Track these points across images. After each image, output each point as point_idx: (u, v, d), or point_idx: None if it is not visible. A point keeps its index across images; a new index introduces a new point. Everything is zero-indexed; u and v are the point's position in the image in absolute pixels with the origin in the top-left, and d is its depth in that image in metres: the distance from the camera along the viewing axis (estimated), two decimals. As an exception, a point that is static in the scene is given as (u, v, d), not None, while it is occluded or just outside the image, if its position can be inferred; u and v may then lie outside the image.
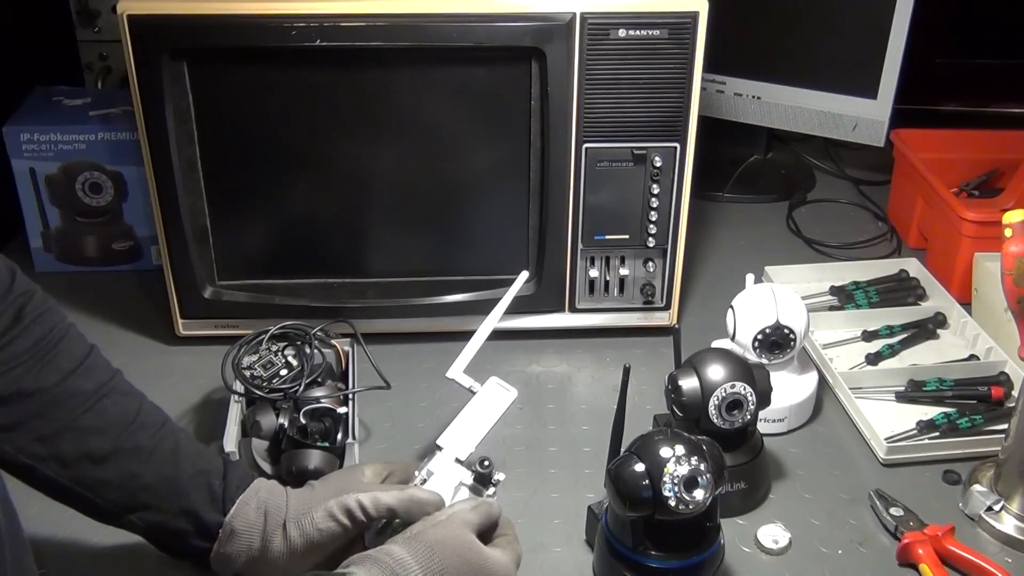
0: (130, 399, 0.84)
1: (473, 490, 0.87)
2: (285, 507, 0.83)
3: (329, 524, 0.81)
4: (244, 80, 1.10)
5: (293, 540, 0.81)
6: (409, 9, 1.05)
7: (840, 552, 0.96)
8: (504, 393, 0.95)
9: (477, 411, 0.93)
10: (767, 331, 1.06)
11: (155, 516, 0.81)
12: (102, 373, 0.83)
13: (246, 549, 0.81)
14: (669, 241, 1.20)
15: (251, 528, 0.82)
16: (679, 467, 0.81)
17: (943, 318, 1.26)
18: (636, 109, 1.12)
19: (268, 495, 0.84)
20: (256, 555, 0.81)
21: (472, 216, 1.19)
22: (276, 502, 0.83)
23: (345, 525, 0.81)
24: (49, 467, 0.78)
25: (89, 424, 0.79)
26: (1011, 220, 0.95)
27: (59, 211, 1.34)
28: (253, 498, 0.83)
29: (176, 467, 0.82)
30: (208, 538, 0.82)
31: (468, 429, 0.91)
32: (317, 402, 1.01)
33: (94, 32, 1.52)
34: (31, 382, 0.77)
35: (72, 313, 1.27)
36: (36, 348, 0.78)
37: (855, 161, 1.67)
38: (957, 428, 1.09)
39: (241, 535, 0.81)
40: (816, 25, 1.47)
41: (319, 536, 0.81)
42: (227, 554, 0.82)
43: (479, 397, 0.95)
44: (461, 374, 0.98)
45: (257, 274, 1.21)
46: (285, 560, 0.81)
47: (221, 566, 0.83)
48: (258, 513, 0.82)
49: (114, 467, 0.80)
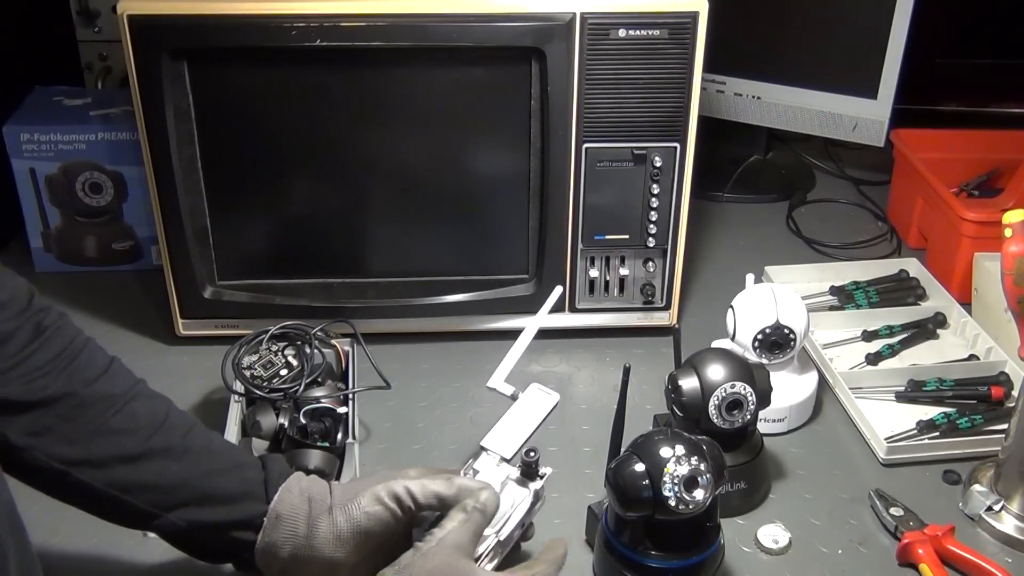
0: (158, 402, 0.84)
1: (520, 483, 0.87)
2: (329, 494, 0.82)
3: (376, 508, 0.80)
4: (244, 80, 1.10)
5: (339, 525, 0.79)
6: (409, 9, 1.05)
7: (840, 552, 0.96)
8: (546, 397, 0.95)
9: (520, 415, 0.93)
10: (767, 331, 1.06)
11: (195, 513, 0.80)
12: (128, 378, 0.83)
13: (291, 536, 0.80)
14: (669, 241, 1.20)
15: (296, 513, 0.80)
16: (679, 467, 0.81)
17: (943, 318, 1.26)
18: (636, 109, 1.12)
19: (310, 484, 0.83)
20: (302, 542, 0.80)
21: (472, 216, 1.19)
22: (319, 489, 0.82)
23: (392, 509, 0.80)
24: (82, 472, 0.78)
25: (119, 426, 0.79)
26: (1011, 220, 0.95)
27: (59, 211, 1.34)
28: (296, 486, 0.82)
29: (212, 462, 0.82)
30: (252, 529, 0.81)
31: (511, 431, 0.91)
32: (317, 402, 1.01)
33: (94, 32, 1.52)
34: (59, 388, 0.77)
35: (72, 313, 1.26)
36: (59, 358, 0.78)
37: (855, 161, 1.67)
38: (957, 428, 1.09)
39: (287, 520, 0.80)
40: (816, 25, 1.47)
41: (366, 520, 0.79)
42: (273, 543, 0.80)
43: (521, 402, 0.95)
44: (502, 383, 0.98)
45: (257, 274, 1.21)
46: (332, 547, 0.79)
47: (267, 559, 0.81)
48: (302, 499, 0.81)
49: (148, 467, 0.79)
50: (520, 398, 0.96)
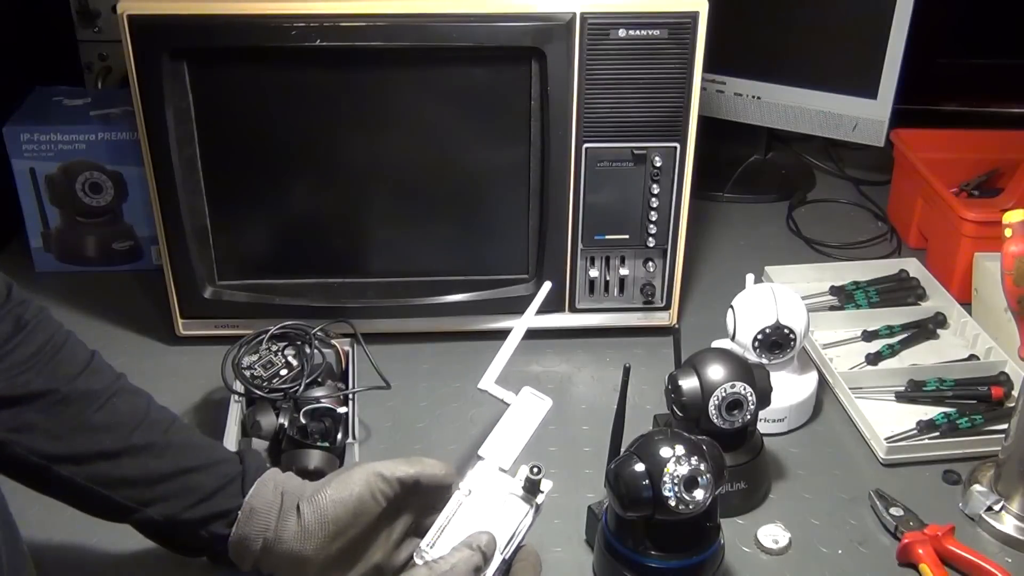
0: (139, 398, 0.84)
1: (523, 499, 0.86)
2: (302, 489, 0.82)
3: (342, 494, 0.80)
4: (244, 80, 1.10)
5: (306, 518, 0.80)
6: (409, 9, 1.05)
7: (840, 552, 0.96)
8: (539, 402, 0.94)
9: (514, 422, 0.92)
10: (767, 331, 1.06)
11: (173, 507, 0.81)
12: (109, 374, 0.83)
13: (263, 529, 0.80)
14: (669, 241, 1.20)
15: (269, 507, 0.81)
16: (679, 467, 0.81)
17: (943, 318, 1.26)
18: (636, 109, 1.12)
19: (287, 479, 0.84)
20: (272, 535, 0.80)
21: (472, 216, 1.19)
22: (294, 483, 0.83)
23: (359, 494, 0.80)
24: (64, 467, 0.78)
25: (101, 422, 0.79)
26: (1011, 220, 0.95)
27: (59, 211, 1.34)
28: (271, 480, 0.83)
29: (191, 458, 0.82)
30: (227, 522, 0.81)
31: (508, 439, 0.90)
32: (317, 402, 1.01)
33: (94, 32, 1.52)
34: (41, 384, 0.77)
35: (72, 313, 1.29)
36: (40, 353, 0.78)
37: (855, 161, 1.67)
38: (957, 428, 1.09)
39: (259, 514, 0.80)
40: (816, 25, 1.47)
41: (333, 509, 0.79)
42: (245, 536, 0.80)
43: (514, 408, 0.94)
44: (493, 385, 0.96)
45: (257, 274, 1.21)
46: (299, 541, 0.80)
47: (240, 551, 0.82)
48: (275, 493, 0.82)
49: (129, 463, 0.80)
50: (512, 403, 0.94)
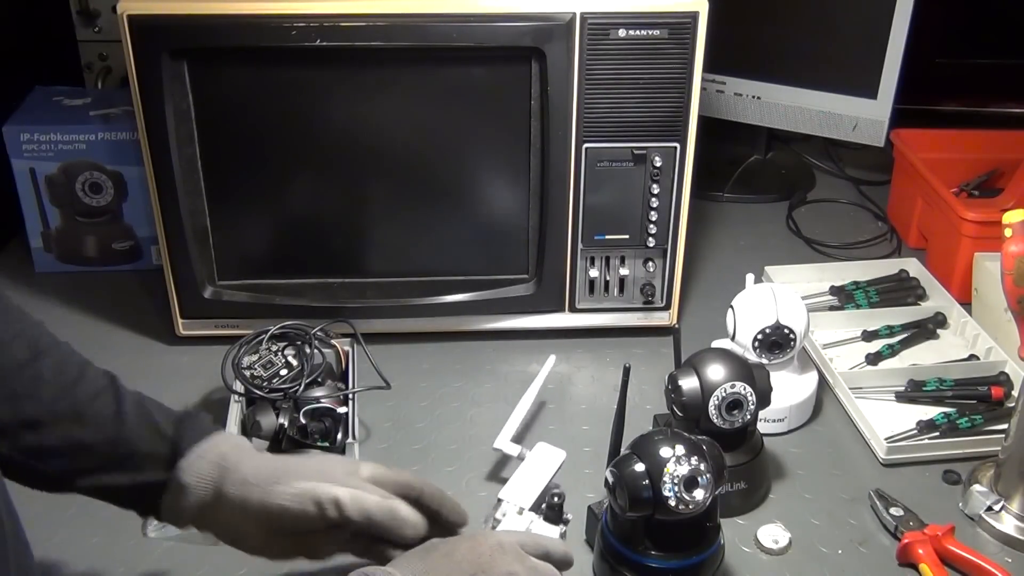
0: (70, 365, 0.80)
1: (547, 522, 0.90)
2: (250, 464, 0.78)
3: (295, 506, 0.76)
4: (244, 80, 1.10)
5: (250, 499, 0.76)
6: (409, 9, 1.05)
7: (840, 552, 0.96)
8: (554, 452, 0.98)
9: (530, 471, 0.96)
10: (767, 331, 1.06)
11: (101, 480, 0.78)
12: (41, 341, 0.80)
13: (197, 502, 0.77)
14: (669, 241, 1.20)
15: (203, 481, 0.77)
16: (679, 467, 0.81)
17: (943, 318, 1.26)
18: (636, 109, 1.12)
19: (230, 449, 0.79)
20: (209, 501, 0.77)
21: (472, 216, 1.19)
22: (239, 456, 0.79)
23: (312, 515, 0.76)
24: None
25: (23, 391, 0.77)
26: (1011, 220, 0.95)
27: (59, 211, 1.34)
28: (212, 451, 0.79)
29: (120, 428, 0.78)
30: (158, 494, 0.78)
31: (526, 484, 0.94)
32: (317, 402, 1.01)
33: (94, 32, 1.52)
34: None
35: (72, 313, 1.29)
36: None
37: (855, 161, 1.67)
38: (957, 428, 1.09)
39: (192, 489, 0.77)
40: (816, 25, 1.47)
41: (279, 512, 0.76)
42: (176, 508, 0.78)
43: (530, 460, 0.98)
44: (508, 443, 1.01)
45: (257, 274, 1.21)
46: (239, 518, 0.77)
47: (173, 517, 0.79)
48: (212, 466, 0.78)
49: (53, 432, 0.77)
50: (527, 457, 0.98)
